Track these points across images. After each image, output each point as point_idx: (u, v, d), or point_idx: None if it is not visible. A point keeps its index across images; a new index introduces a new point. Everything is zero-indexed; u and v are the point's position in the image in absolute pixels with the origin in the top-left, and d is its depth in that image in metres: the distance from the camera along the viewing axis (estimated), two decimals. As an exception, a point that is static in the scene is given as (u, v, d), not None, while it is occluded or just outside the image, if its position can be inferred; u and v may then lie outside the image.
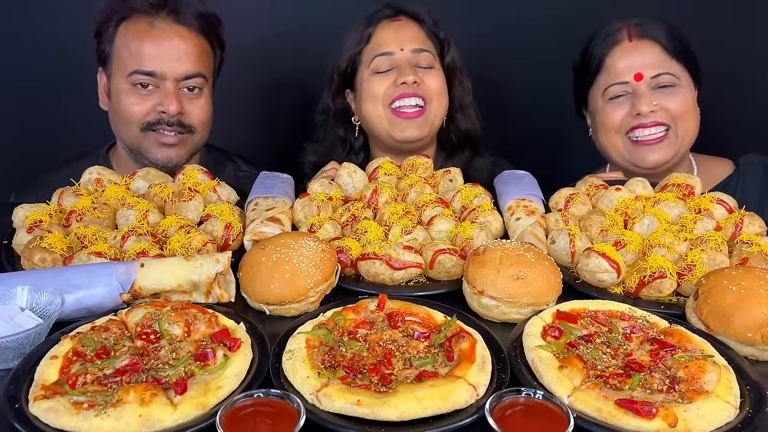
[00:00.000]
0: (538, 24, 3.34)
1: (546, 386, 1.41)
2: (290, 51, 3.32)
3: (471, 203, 2.21)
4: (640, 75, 2.56)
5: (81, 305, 1.65)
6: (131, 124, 2.62)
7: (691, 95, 2.62)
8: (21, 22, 3.32)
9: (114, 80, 2.63)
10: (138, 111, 2.59)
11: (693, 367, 1.42)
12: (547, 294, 1.71)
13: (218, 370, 1.39)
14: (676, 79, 2.58)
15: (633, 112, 2.57)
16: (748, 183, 2.69)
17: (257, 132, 3.67)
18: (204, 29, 2.65)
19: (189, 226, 2.01)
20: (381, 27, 2.73)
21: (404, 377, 1.40)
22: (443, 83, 2.73)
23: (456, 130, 2.85)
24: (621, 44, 2.61)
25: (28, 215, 2.04)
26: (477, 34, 3.18)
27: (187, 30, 2.60)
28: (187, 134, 2.66)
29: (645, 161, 2.60)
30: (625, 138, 2.63)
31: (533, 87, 3.44)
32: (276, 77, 3.49)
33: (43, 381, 1.37)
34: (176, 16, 2.59)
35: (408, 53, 2.67)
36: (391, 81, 2.65)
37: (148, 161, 2.67)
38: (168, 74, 2.55)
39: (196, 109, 2.65)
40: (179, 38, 2.57)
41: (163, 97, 2.57)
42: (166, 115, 2.58)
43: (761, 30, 3.23)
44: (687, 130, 2.61)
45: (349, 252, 1.90)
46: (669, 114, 2.57)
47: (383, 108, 2.68)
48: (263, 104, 3.60)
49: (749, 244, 1.95)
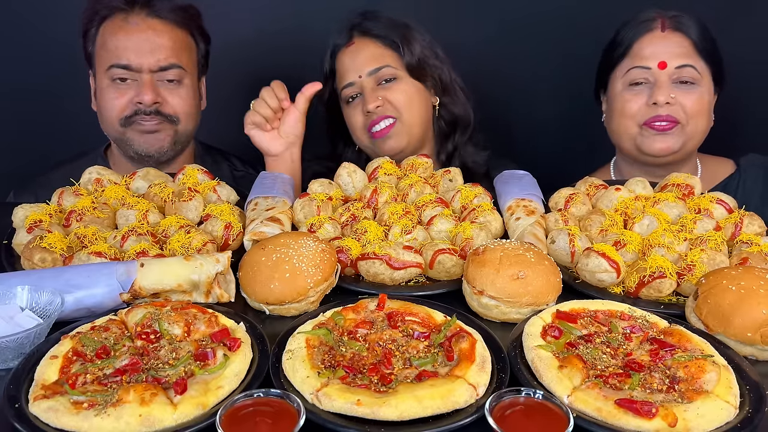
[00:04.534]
0: (541, 21, 3.32)
1: (546, 386, 1.41)
2: (288, 48, 3.32)
3: (471, 203, 2.21)
4: (664, 63, 2.54)
5: (81, 305, 1.65)
6: (112, 120, 2.67)
7: (709, 97, 2.61)
8: (20, 21, 3.32)
9: (97, 78, 2.69)
10: (116, 106, 2.64)
11: (693, 366, 1.42)
12: (547, 294, 1.71)
13: (218, 370, 1.39)
14: (698, 75, 2.56)
15: (650, 101, 2.55)
16: (749, 183, 2.69)
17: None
18: (182, 22, 2.69)
19: (189, 226, 2.01)
20: (339, 57, 2.77)
21: (404, 377, 1.40)
22: (411, 89, 2.72)
23: (446, 114, 2.85)
24: (653, 32, 2.59)
25: (28, 215, 2.04)
26: (476, 34, 3.18)
27: (161, 23, 2.64)
28: (168, 123, 2.69)
29: (653, 148, 2.58)
30: (640, 127, 2.60)
31: (533, 87, 3.44)
32: (273, 75, 3.48)
33: (43, 381, 1.37)
34: (150, 10, 2.64)
35: (365, 78, 2.69)
36: (360, 109, 2.71)
37: (134, 153, 2.70)
38: (143, 66, 2.59)
39: (176, 99, 2.68)
40: (152, 31, 2.61)
41: (139, 88, 2.61)
42: (143, 105, 2.62)
43: (762, 29, 3.23)
44: (697, 130, 2.60)
45: (349, 252, 1.90)
46: (684, 110, 2.55)
47: (363, 134, 2.76)
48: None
49: (749, 244, 1.95)
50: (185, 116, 2.72)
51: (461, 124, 2.87)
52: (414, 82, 2.73)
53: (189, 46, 2.73)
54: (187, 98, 2.72)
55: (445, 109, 2.84)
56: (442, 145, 2.90)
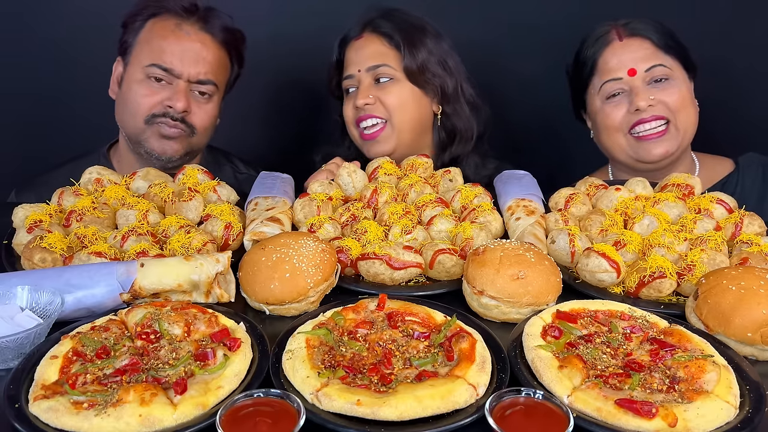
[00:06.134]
0: (537, 25, 3.33)
1: (546, 386, 1.41)
2: (299, 53, 3.32)
3: (471, 203, 2.21)
4: (633, 70, 2.57)
5: (81, 305, 1.65)
6: (137, 115, 2.67)
7: (687, 87, 2.63)
8: (20, 22, 3.32)
9: (129, 69, 2.69)
10: (146, 102, 2.65)
11: (693, 366, 1.42)
12: (547, 294, 1.71)
13: (218, 370, 1.39)
14: (669, 71, 2.58)
15: (632, 108, 2.57)
16: (747, 182, 2.69)
17: (258, 133, 3.66)
18: (227, 42, 2.74)
19: (189, 226, 2.01)
20: (348, 49, 2.77)
21: (404, 377, 1.40)
22: (406, 93, 2.69)
23: (447, 124, 2.82)
24: (612, 44, 2.62)
25: (28, 215, 2.04)
26: (476, 35, 3.18)
27: (210, 38, 2.69)
28: (188, 132, 2.71)
29: (651, 155, 2.59)
30: (627, 136, 2.62)
31: (533, 87, 3.44)
32: (279, 78, 3.49)
33: (43, 381, 1.37)
34: (204, 24, 2.68)
35: (363, 73, 2.69)
36: (353, 103, 2.71)
37: (145, 152, 2.71)
38: (183, 74, 2.63)
39: (202, 113, 2.72)
40: (201, 44, 2.66)
41: (173, 93, 2.64)
42: (173, 110, 2.64)
43: (762, 27, 3.23)
44: (687, 122, 2.61)
45: (349, 252, 1.90)
46: (668, 107, 2.57)
47: (354, 129, 2.76)
48: (265, 105, 3.60)
49: (749, 243, 1.95)
50: (203, 130, 2.76)
51: (461, 136, 2.83)
52: (411, 87, 2.70)
53: (226, 66, 2.79)
54: (211, 114, 2.76)
55: (447, 119, 2.81)
56: (440, 155, 2.87)
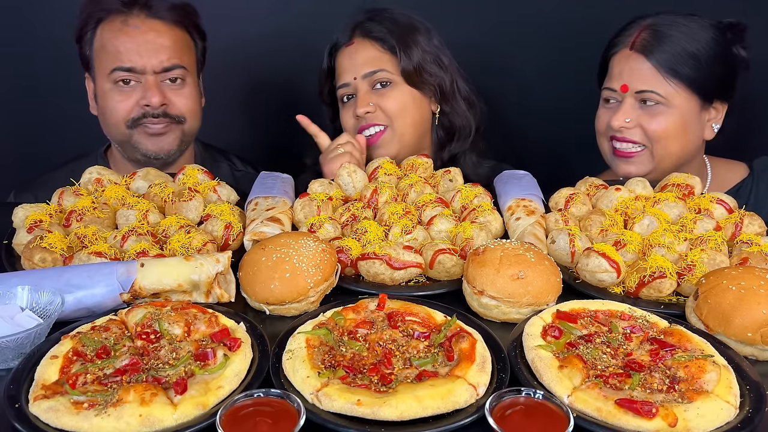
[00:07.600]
0: (538, 26, 3.33)
1: (546, 386, 1.41)
2: (288, 50, 3.32)
3: (471, 203, 2.21)
4: (625, 87, 2.51)
5: (81, 305, 1.65)
6: (118, 123, 2.65)
7: (682, 117, 2.49)
8: (18, 21, 3.33)
9: (98, 82, 2.66)
10: (122, 108, 2.61)
11: (693, 366, 1.42)
12: (547, 294, 1.71)
13: (218, 370, 1.39)
14: (662, 98, 2.47)
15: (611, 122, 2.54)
16: (762, 188, 2.61)
17: (251, 130, 3.66)
18: (180, 21, 2.67)
19: (189, 226, 2.01)
20: (339, 56, 2.75)
21: (404, 377, 1.40)
22: (405, 96, 2.69)
23: (445, 122, 2.82)
24: (623, 51, 2.55)
25: (28, 215, 2.04)
26: (472, 36, 3.18)
27: (161, 23, 2.62)
28: (175, 124, 2.68)
29: (620, 171, 2.59)
30: (609, 143, 2.62)
31: (533, 87, 3.44)
32: (273, 76, 3.48)
33: (44, 381, 1.37)
34: (149, 11, 2.61)
35: (360, 80, 2.68)
36: (352, 111, 2.70)
37: (141, 154, 2.69)
38: (147, 68, 2.58)
39: (182, 99, 2.67)
40: (154, 32, 2.59)
41: (144, 90, 2.60)
42: (150, 107, 2.60)
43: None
44: (666, 153, 2.52)
45: (349, 252, 1.90)
46: (645, 134, 2.50)
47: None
48: (256, 102, 3.59)
49: (749, 243, 1.95)
50: (191, 115, 2.72)
51: (459, 133, 2.83)
52: (410, 89, 2.70)
53: (188, 44, 2.72)
54: (191, 97, 2.71)
55: (445, 117, 2.81)
56: (438, 153, 2.87)
